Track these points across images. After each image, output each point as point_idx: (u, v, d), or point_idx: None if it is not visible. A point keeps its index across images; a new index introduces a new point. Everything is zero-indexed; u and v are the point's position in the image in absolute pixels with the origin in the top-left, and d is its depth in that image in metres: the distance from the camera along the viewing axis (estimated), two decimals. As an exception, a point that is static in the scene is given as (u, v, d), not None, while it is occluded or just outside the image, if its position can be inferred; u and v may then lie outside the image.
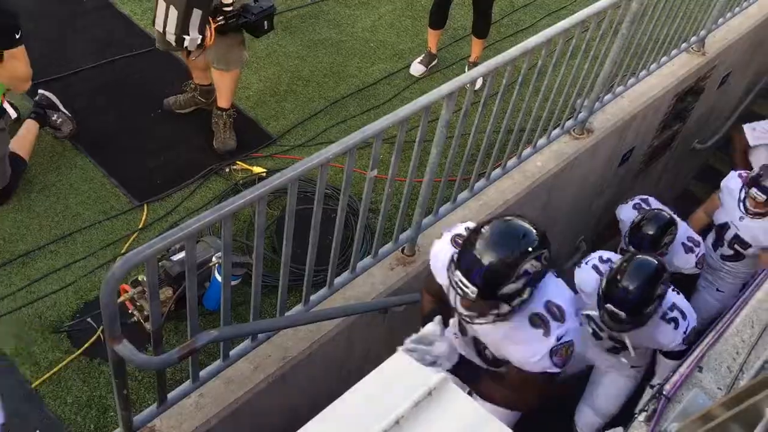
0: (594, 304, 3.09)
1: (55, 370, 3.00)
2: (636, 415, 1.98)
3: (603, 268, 3.26)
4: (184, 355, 2.21)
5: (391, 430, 0.93)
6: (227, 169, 3.88)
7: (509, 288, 2.00)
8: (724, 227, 4.25)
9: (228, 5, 3.46)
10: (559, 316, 2.13)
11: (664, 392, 1.95)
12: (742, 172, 4.14)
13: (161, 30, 3.44)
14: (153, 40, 3.91)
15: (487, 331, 2.28)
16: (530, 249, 2.00)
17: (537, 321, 2.13)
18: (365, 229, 3.23)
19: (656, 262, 3.04)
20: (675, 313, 3.13)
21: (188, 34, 3.38)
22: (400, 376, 1.00)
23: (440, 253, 2.38)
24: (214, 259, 3.10)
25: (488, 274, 1.98)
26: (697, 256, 3.84)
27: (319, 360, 2.95)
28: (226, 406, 2.65)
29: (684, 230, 3.91)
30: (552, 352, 2.12)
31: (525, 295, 2.05)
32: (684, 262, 3.84)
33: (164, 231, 3.44)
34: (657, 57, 4.30)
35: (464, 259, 2.04)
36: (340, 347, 3.06)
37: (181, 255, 3.04)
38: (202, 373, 2.61)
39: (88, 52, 4.43)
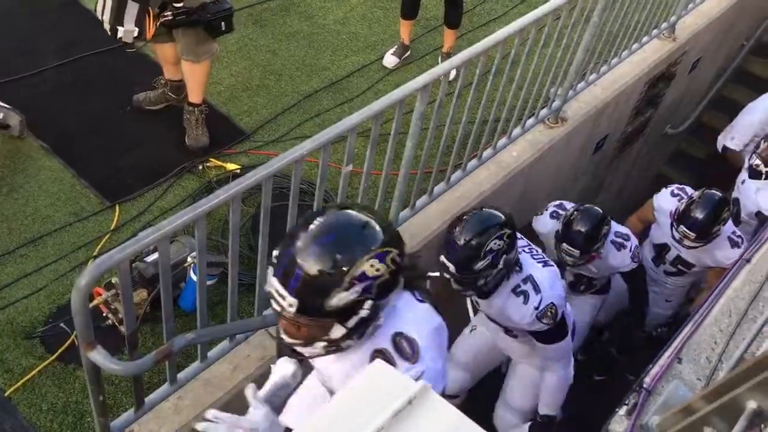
0: None
1: (28, 376, 2.94)
2: (617, 410, 1.98)
3: None
4: (160, 360, 2.18)
5: (372, 441, 0.91)
6: (200, 167, 3.82)
7: (338, 299, 1.48)
8: (664, 248, 4.08)
9: (178, 1, 3.38)
10: (410, 353, 1.59)
11: (644, 385, 1.95)
12: (674, 188, 3.93)
13: (100, 18, 3.37)
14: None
15: (329, 371, 1.78)
16: (369, 247, 1.49)
17: (380, 359, 1.56)
18: (342, 225, 3.20)
19: (498, 216, 2.77)
20: (527, 287, 2.83)
21: (122, 25, 3.31)
22: (379, 386, 0.98)
23: None
24: (189, 259, 3.06)
25: (308, 278, 1.46)
26: (630, 250, 3.62)
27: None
28: (206, 409, 2.62)
29: (611, 226, 3.64)
30: None
31: (363, 312, 1.52)
32: (619, 260, 3.62)
33: (137, 231, 3.39)
34: (628, 44, 4.31)
35: (281, 259, 1.52)
36: (320, 344, 3.04)
37: (155, 256, 2.99)
38: (180, 375, 2.58)
39: (54, 50, 4.34)
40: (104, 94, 4.15)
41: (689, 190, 3.86)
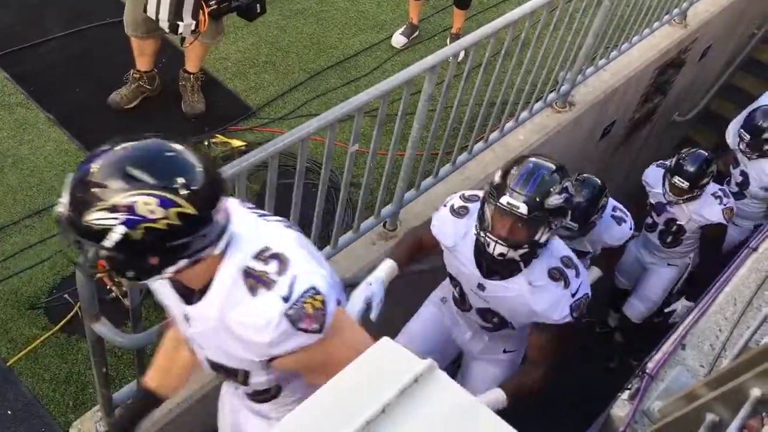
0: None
1: (31, 347, 2.96)
2: (619, 394, 1.98)
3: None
4: (163, 333, 2.18)
5: (378, 419, 0.91)
6: (206, 143, 3.82)
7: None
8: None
9: None
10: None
11: (647, 370, 1.96)
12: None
13: (154, 17, 3.38)
14: (128, 8, 3.80)
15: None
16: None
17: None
18: (347, 204, 3.20)
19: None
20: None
21: (182, 20, 3.34)
22: (385, 363, 0.98)
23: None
24: (193, 234, 3.06)
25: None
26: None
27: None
28: (207, 383, 2.63)
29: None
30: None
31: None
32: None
33: (142, 205, 3.39)
34: (639, 29, 4.27)
35: None
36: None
37: (160, 230, 2.99)
38: (183, 349, 2.59)
39: (61, 21, 4.32)
40: (111, 66, 4.13)
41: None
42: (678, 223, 3.97)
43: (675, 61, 4.85)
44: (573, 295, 2.27)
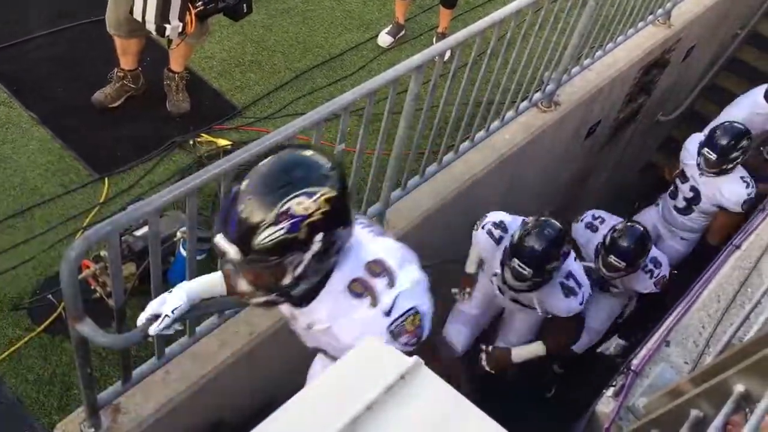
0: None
1: (15, 348, 2.93)
2: (604, 391, 1.99)
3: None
4: (148, 334, 2.17)
5: (363, 416, 0.91)
6: (191, 142, 3.80)
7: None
8: None
9: None
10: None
11: (632, 367, 1.97)
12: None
13: (140, 19, 3.35)
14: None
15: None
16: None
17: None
18: (333, 203, 3.20)
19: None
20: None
21: (169, 23, 3.32)
22: (371, 361, 0.98)
23: None
24: (178, 233, 3.05)
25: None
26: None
27: (287, 335, 2.92)
28: (193, 383, 2.62)
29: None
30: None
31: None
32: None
33: (126, 205, 3.37)
34: (624, 29, 4.30)
35: None
36: (308, 322, 3.04)
37: (145, 230, 2.98)
38: (168, 349, 2.57)
39: (44, 19, 4.28)
40: (95, 65, 4.10)
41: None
42: (612, 284, 3.88)
43: (659, 61, 4.88)
44: (387, 314, 1.60)
